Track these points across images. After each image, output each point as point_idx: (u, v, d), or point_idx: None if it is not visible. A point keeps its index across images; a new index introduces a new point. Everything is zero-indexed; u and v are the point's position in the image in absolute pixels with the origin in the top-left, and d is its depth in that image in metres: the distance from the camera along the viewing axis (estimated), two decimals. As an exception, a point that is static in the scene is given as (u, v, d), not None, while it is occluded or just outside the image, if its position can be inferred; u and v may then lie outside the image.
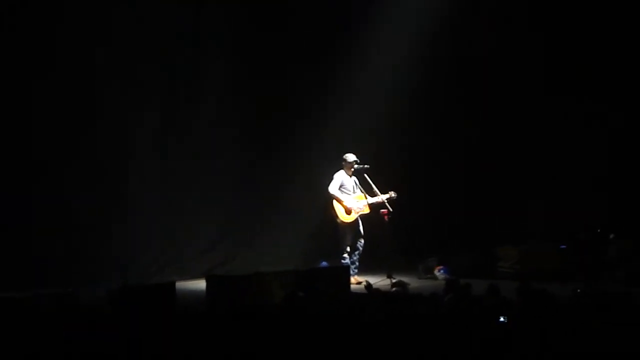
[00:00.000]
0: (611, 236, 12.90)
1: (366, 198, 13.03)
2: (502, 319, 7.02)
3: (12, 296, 9.90)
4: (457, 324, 6.97)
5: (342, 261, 12.86)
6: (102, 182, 13.10)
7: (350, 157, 13.07)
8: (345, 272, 11.98)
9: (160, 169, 13.75)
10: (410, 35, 15.13)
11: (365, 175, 12.97)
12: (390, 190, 13.02)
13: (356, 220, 13.03)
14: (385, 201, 12.93)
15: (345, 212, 12.94)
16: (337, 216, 12.96)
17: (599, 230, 13.04)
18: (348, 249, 12.97)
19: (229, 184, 14.31)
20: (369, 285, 10.36)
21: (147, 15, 13.40)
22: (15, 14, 12.36)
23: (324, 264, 13.22)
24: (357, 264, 13.01)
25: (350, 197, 13.01)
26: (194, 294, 11.51)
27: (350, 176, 13.10)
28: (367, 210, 13.05)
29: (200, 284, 11.57)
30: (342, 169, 13.09)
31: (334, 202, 12.95)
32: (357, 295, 10.50)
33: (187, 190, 13.99)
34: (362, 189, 13.08)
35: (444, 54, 15.41)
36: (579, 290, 8.75)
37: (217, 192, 14.19)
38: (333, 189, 12.96)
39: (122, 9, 13.17)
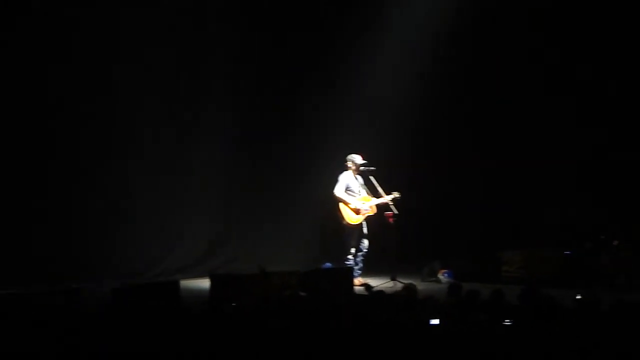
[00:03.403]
0: (615, 242, 12.84)
1: (371, 199, 13.00)
2: (506, 322, 7.04)
3: (17, 293, 9.94)
4: (460, 329, 6.95)
5: (346, 262, 12.82)
6: (106, 182, 13.15)
7: (358, 158, 12.99)
8: (348, 273, 11.98)
9: (163, 169, 13.74)
10: (419, 35, 15.19)
11: (371, 177, 12.94)
12: (395, 191, 12.99)
13: (361, 221, 13.01)
14: (390, 203, 12.89)
15: (353, 213, 12.91)
16: (343, 218, 12.92)
17: (602, 237, 13.00)
18: (353, 250, 12.94)
19: (234, 184, 14.33)
20: (368, 287, 10.30)
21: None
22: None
23: (328, 265, 13.19)
24: (361, 265, 12.98)
25: (355, 198, 12.98)
26: (197, 293, 11.52)
27: (356, 177, 13.08)
28: (372, 212, 13.02)
29: (204, 283, 11.59)
30: (348, 169, 13.07)
31: (340, 204, 12.92)
32: (359, 296, 10.47)
33: (191, 191, 14.01)
34: (367, 190, 13.06)
35: (453, 57, 15.38)
36: (578, 297, 8.70)
37: (221, 193, 14.21)
38: (339, 191, 12.91)
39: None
